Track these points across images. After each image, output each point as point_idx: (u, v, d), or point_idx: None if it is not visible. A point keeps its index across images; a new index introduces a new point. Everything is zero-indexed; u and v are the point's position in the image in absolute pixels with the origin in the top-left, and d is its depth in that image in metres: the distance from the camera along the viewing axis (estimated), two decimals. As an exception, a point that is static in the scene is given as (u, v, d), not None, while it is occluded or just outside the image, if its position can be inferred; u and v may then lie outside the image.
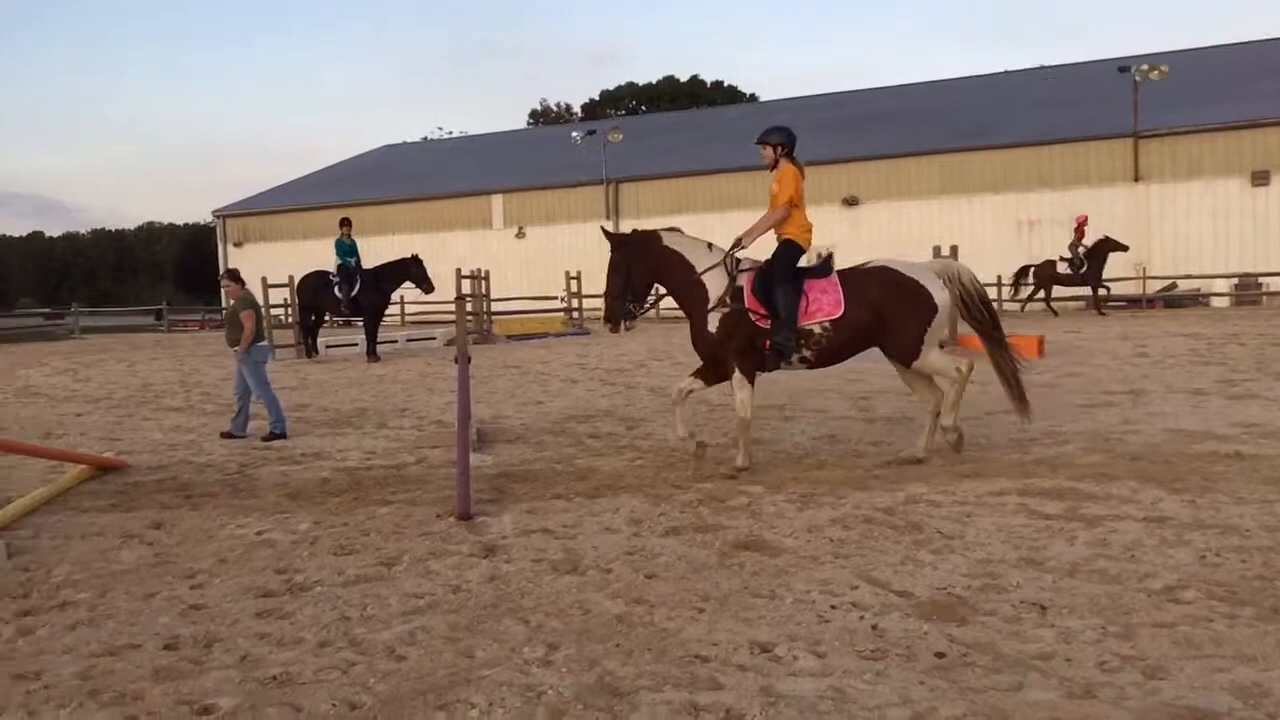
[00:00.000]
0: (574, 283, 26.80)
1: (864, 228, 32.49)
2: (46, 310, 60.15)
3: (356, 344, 19.55)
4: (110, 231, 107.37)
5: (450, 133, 62.51)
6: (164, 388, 14.75)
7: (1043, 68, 44.27)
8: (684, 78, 72.94)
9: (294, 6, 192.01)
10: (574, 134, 40.50)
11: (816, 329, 7.17)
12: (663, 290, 7.64)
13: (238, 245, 42.90)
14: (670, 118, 50.66)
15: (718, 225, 35.30)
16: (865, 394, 11.03)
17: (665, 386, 12.90)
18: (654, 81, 73.40)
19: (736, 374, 7.27)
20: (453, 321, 25.71)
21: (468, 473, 6.49)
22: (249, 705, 3.57)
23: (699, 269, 7.34)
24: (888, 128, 35.97)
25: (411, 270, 18.54)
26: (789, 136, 7.50)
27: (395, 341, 21.03)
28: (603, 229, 8.05)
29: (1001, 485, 6.53)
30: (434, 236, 37.43)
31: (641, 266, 7.46)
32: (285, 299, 21.58)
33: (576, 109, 75.77)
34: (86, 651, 4.14)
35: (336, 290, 18.38)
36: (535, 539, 5.68)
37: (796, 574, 4.87)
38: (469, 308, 13.39)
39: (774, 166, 7.46)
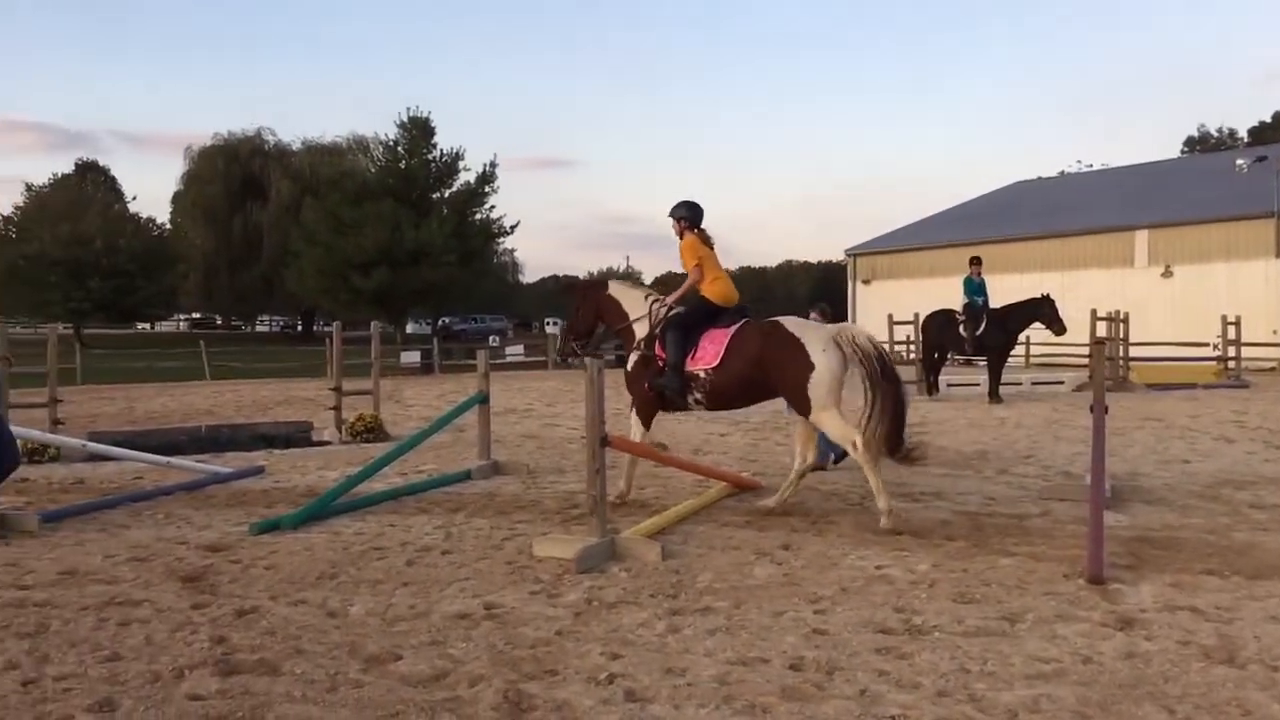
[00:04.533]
0: (1231, 328, 23.71)
1: None
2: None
3: (978, 384, 19.21)
4: (754, 268, 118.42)
5: (1089, 166, 59.02)
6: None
7: None
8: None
9: (949, 49, 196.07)
10: (1238, 161, 36.10)
11: (701, 374, 7.82)
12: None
13: (866, 283, 44.65)
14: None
15: None
16: None
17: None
18: (1348, 96, 62.65)
19: (633, 413, 8.30)
20: (1083, 365, 24.25)
21: (1101, 532, 5.96)
22: (866, 742, 3.58)
23: (632, 316, 8.34)
24: None
25: (1042, 310, 17.82)
26: (691, 211, 8.30)
27: (1019, 383, 20.31)
28: (561, 278, 9.33)
29: None
30: (1067, 275, 35.51)
31: (587, 308, 8.66)
32: (908, 336, 21.93)
33: (1242, 134, 67.34)
34: (723, 657, 4.47)
35: (961, 329, 18.24)
36: (1181, 617, 5.02)
37: None
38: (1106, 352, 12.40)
39: (681, 238, 8.32)
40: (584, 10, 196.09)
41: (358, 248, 44.55)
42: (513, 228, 52.05)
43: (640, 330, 8.30)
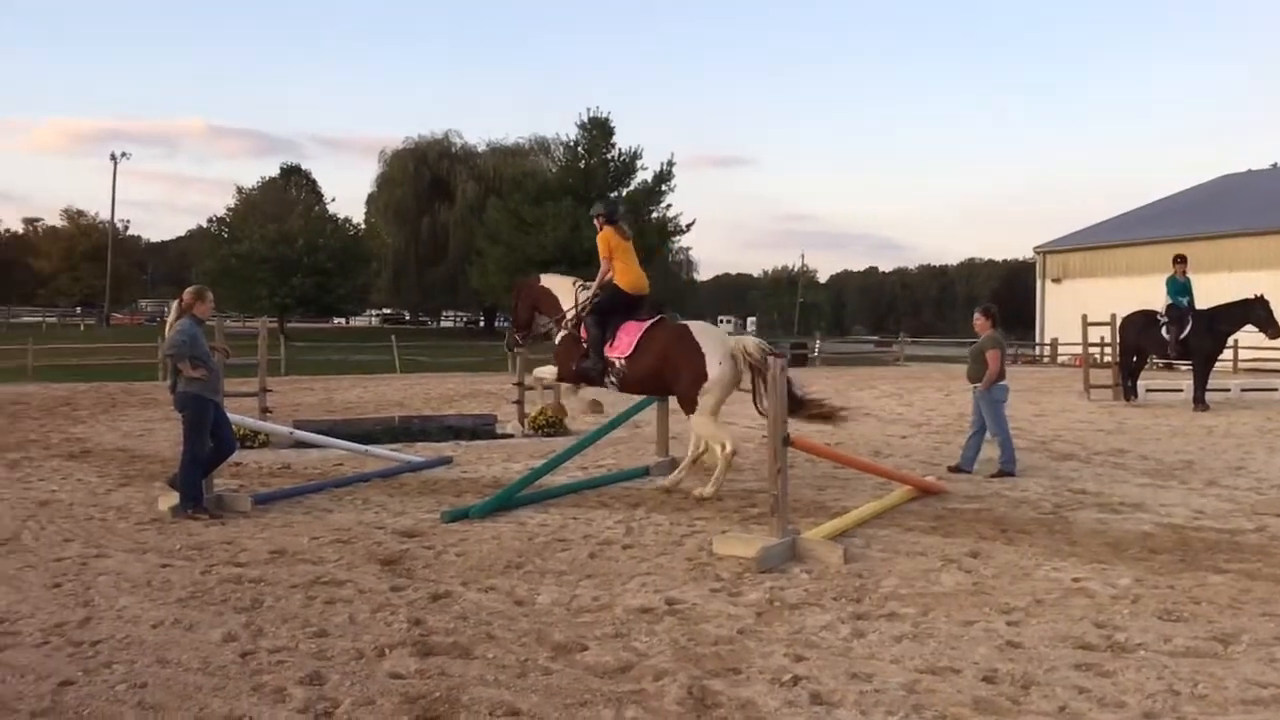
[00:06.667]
0: None
1: None
2: (875, 338, 66.51)
3: (1181, 390, 18.09)
4: (934, 267, 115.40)
5: (1308, 156, 54.57)
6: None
7: None
8: None
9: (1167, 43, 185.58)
10: None
11: (617, 362, 8.61)
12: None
13: (1056, 281, 42.69)
14: None
15: None
16: None
17: None
18: None
19: (563, 382, 9.28)
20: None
21: (1327, 552, 5.52)
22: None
23: (564, 304, 9.15)
24: None
25: (1255, 312, 16.62)
26: (607, 207, 9.15)
27: (1227, 390, 19.00)
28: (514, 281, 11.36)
29: None
30: (1281, 274, 32.93)
31: (524, 302, 9.63)
32: (1102, 338, 20.82)
33: None
34: (911, 665, 4.36)
35: (1164, 331, 17.20)
36: None
37: None
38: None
39: (600, 231, 9.02)
40: (765, 9, 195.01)
41: (538, 246, 45.70)
42: (688, 226, 52.17)
43: (571, 315, 9.14)
